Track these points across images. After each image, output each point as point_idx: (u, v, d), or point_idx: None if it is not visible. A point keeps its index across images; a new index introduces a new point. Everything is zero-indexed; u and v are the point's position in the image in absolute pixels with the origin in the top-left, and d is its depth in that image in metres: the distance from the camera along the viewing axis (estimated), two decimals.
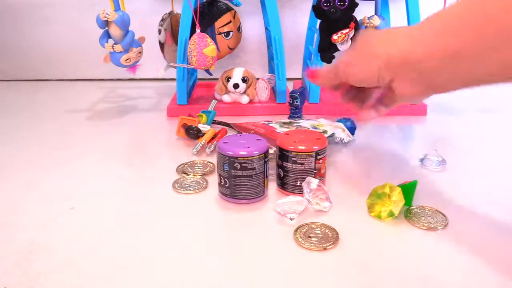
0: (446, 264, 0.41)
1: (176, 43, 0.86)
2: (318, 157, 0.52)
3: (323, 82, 0.56)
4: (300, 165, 0.52)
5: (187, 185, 0.56)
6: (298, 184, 0.52)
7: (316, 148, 0.51)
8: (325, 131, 0.66)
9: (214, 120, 0.78)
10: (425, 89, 0.46)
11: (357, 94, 0.57)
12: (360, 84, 0.52)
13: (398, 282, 0.39)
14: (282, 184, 0.54)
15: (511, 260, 0.41)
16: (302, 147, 0.51)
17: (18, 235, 0.46)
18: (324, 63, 0.83)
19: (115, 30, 0.78)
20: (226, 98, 0.87)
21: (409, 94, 0.48)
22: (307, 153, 0.51)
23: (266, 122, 0.73)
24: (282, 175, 0.53)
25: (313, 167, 0.52)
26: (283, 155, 0.52)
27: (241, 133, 0.70)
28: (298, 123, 0.72)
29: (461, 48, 0.41)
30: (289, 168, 0.52)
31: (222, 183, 0.52)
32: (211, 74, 0.87)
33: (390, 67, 0.46)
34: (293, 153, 0.51)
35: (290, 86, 0.96)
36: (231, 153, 0.49)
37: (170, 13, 0.94)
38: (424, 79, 0.45)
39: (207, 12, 0.84)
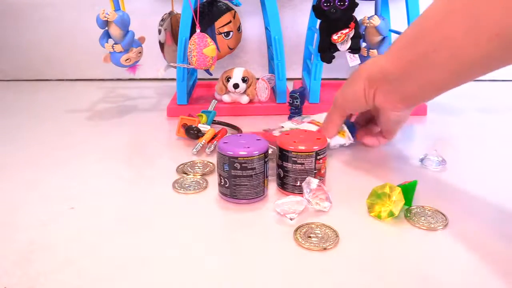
0: (446, 264, 0.41)
1: (176, 43, 0.86)
2: (318, 157, 0.52)
3: (329, 126, 0.63)
4: (300, 165, 0.52)
5: (187, 185, 0.56)
6: (298, 184, 0.52)
7: (316, 148, 0.51)
8: None
9: (214, 120, 0.78)
10: (401, 99, 0.54)
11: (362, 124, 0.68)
12: (354, 107, 0.60)
13: (398, 282, 0.39)
14: (282, 184, 0.54)
15: (511, 260, 0.42)
16: (302, 147, 0.51)
17: (18, 235, 0.46)
18: (324, 63, 0.83)
19: (115, 30, 0.78)
20: (226, 98, 0.87)
21: (389, 106, 0.55)
22: (307, 153, 0.51)
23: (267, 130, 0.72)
24: (282, 175, 0.53)
25: (313, 167, 0.52)
26: (283, 155, 0.52)
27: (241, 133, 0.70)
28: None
29: (413, 58, 0.49)
30: (289, 168, 0.52)
31: (222, 183, 0.52)
32: (211, 74, 0.87)
33: (372, 84, 0.55)
34: (293, 153, 0.51)
35: (290, 86, 0.96)
36: (231, 153, 0.49)
37: (170, 13, 0.94)
38: (396, 89, 0.53)
39: (207, 12, 0.84)
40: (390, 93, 0.54)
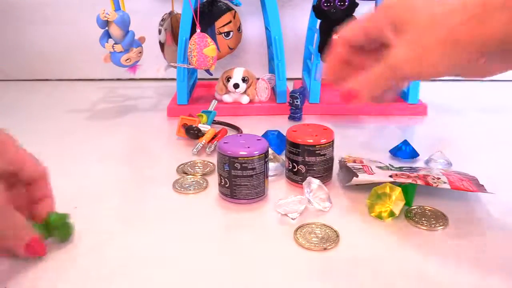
0: (446, 264, 0.41)
1: (176, 43, 0.86)
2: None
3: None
4: (323, 157, 0.54)
5: (187, 185, 0.56)
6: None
7: (325, 140, 0.54)
8: None
9: (214, 120, 0.78)
10: (424, 52, 0.35)
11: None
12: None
13: (398, 282, 0.39)
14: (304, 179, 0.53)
15: (511, 260, 0.42)
16: (323, 140, 0.53)
17: None
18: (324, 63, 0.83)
19: (115, 30, 0.78)
20: (226, 98, 0.87)
21: (403, 56, 0.36)
22: (328, 143, 0.54)
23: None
24: (304, 170, 0.54)
25: (332, 155, 0.55)
26: (305, 150, 0.53)
27: (241, 133, 0.70)
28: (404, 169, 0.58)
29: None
30: (313, 162, 0.54)
31: (222, 183, 0.52)
32: (211, 74, 0.87)
33: (389, 12, 0.37)
34: (317, 146, 0.53)
35: (290, 86, 0.96)
36: (231, 153, 0.49)
37: (170, 13, 0.94)
38: (437, 30, 0.34)
39: (207, 12, 0.84)
40: (423, 34, 0.35)
